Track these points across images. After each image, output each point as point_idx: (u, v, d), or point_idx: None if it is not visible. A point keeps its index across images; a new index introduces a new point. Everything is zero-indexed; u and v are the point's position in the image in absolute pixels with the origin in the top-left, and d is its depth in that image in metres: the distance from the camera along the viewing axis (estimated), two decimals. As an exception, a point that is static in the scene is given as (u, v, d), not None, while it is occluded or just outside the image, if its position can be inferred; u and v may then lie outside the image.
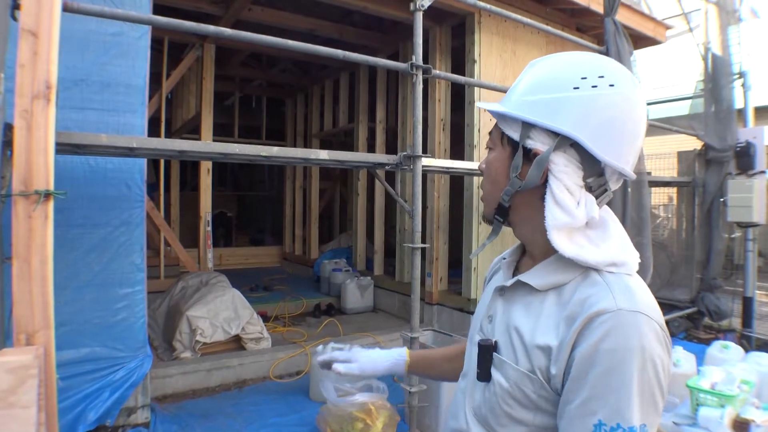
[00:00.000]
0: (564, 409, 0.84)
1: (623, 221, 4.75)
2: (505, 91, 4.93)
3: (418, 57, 3.35)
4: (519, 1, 5.42)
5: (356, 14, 5.78)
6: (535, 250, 0.99)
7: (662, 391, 0.82)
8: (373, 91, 7.25)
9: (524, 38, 5.50)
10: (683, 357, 3.96)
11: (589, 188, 0.91)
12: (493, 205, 1.00)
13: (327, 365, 1.43)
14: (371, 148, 7.33)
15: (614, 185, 0.94)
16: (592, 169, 0.90)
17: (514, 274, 1.03)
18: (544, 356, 0.87)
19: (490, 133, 1.03)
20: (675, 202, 7.55)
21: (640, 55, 6.19)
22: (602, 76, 0.89)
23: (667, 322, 5.73)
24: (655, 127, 5.68)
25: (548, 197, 0.90)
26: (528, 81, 0.96)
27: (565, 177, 0.89)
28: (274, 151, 3.09)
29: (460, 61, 5.41)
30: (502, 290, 1.02)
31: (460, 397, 1.07)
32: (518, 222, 1.00)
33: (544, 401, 0.88)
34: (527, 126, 0.92)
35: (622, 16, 5.18)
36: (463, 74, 5.04)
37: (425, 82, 3.50)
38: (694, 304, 6.20)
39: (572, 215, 0.89)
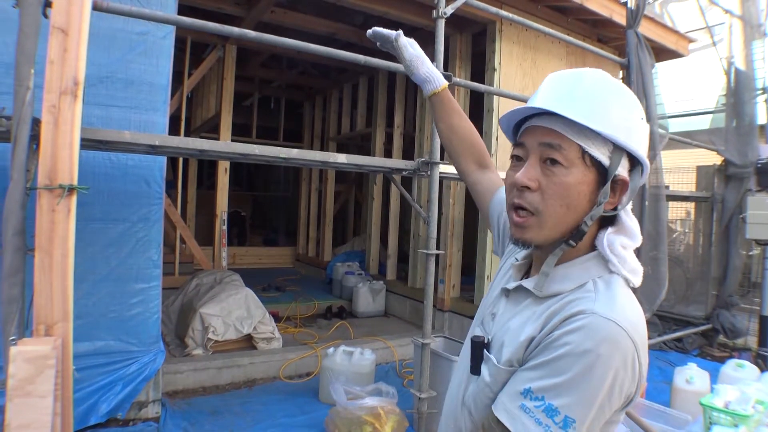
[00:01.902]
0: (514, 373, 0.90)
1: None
2: (524, 101, 4.97)
3: (439, 64, 3.36)
4: (540, 10, 5.42)
5: (378, 20, 5.81)
6: (544, 267, 0.97)
7: (609, 400, 0.82)
8: (392, 96, 7.27)
9: (545, 48, 5.49)
10: (697, 374, 3.91)
11: None
12: (563, 230, 0.94)
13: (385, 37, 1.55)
14: (388, 153, 7.35)
15: None
16: (631, 195, 0.95)
17: (523, 278, 1.06)
18: (523, 348, 0.91)
19: (552, 145, 0.92)
20: (693, 217, 7.47)
21: (661, 67, 6.15)
22: (640, 108, 0.95)
23: (681, 339, 5.68)
24: (675, 141, 5.63)
25: (629, 224, 0.95)
26: (604, 96, 0.92)
27: (628, 204, 0.95)
28: (294, 153, 3.11)
29: (480, 69, 5.41)
30: (507, 292, 1.05)
31: (455, 390, 1.10)
32: None
33: None
34: (619, 151, 0.91)
35: (644, 29, 5.16)
36: (483, 82, 5.05)
37: (445, 88, 3.50)
38: (709, 321, 6.12)
39: (638, 240, 0.95)
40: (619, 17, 5.32)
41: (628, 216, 0.96)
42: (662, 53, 6.25)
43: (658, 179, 4.88)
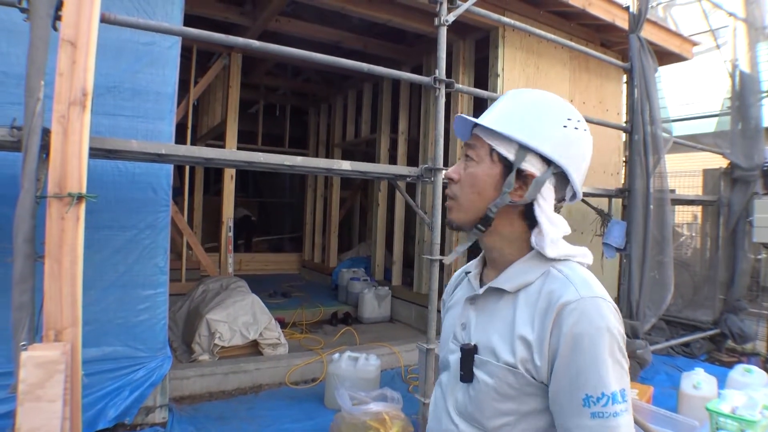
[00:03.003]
0: (555, 393, 0.96)
1: (644, 238, 4.71)
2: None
3: (441, 71, 3.39)
4: (543, 16, 5.44)
5: (381, 27, 5.86)
6: (499, 258, 1.12)
7: (625, 357, 0.97)
8: (396, 102, 7.31)
9: (548, 53, 5.51)
10: (704, 379, 3.90)
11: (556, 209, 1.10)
12: (475, 214, 1.09)
13: None
14: (393, 159, 7.38)
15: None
16: (560, 193, 1.09)
17: (481, 284, 1.16)
18: (525, 349, 0.99)
19: (470, 145, 1.13)
20: (699, 220, 7.44)
21: (665, 71, 6.16)
22: (579, 121, 1.08)
23: (689, 344, 5.65)
24: (680, 145, 5.63)
25: (541, 215, 1.06)
26: (521, 108, 1.09)
27: (549, 198, 1.07)
28: (298, 161, 3.14)
29: (484, 74, 5.43)
30: (473, 299, 1.14)
31: (440, 402, 1.16)
32: (490, 231, 1.11)
33: (527, 389, 0.99)
34: (523, 149, 1.06)
35: (647, 32, 5.17)
36: (486, 87, 5.07)
37: (448, 95, 3.53)
38: (717, 326, 6.08)
39: (564, 229, 1.08)
40: (622, 22, 5.34)
41: (542, 212, 1.06)
42: (666, 57, 6.26)
43: (662, 183, 4.87)
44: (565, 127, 1.06)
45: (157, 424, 3.53)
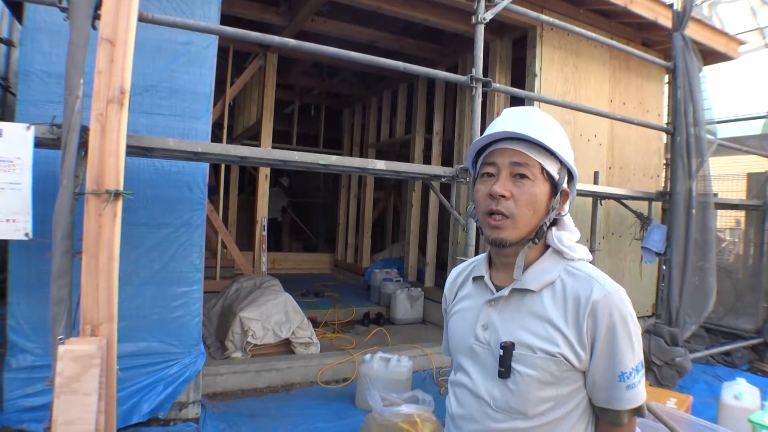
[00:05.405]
0: (595, 374, 1.13)
1: (686, 243, 4.56)
2: (566, 107, 4.83)
3: (478, 70, 3.34)
4: (582, 14, 5.32)
5: (417, 27, 5.83)
6: (518, 261, 1.19)
7: (639, 326, 1.16)
8: (431, 102, 7.26)
9: (587, 52, 5.39)
10: (746, 390, 3.75)
11: None
12: (529, 230, 1.18)
13: None
14: (427, 160, 7.34)
15: None
16: (571, 202, 1.25)
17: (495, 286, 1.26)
18: (564, 342, 1.12)
19: (518, 164, 1.16)
20: (743, 226, 7.18)
21: (710, 71, 5.95)
22: None
23: (729, 353, 5.45)
24: (724, 147, 5.43)
25: (568, 223, 1.24)
26: (547, 125, 1.19)
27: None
28: (333, 159, 3.14)
29: (521, 75, 5.35)
30: (494, 301, 1.22)
31: (470, 402, 1.22)
32: None
33: (566, 374, 1.13)
34: (563, 167, 1.20)
35: (691, 31, 5.00)
36: (523, 88, 4.99)
37: (484, 95, 3.48)
38: (759, 335, 5.86)
39: (577, 234, 1.24)
40: (665, 20, 5.18)
41: (567, 217, 1.25)
42: (710, 56, 6.06)
43: (706, 187, 4.71)
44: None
45: (190, 419, 3.58)
